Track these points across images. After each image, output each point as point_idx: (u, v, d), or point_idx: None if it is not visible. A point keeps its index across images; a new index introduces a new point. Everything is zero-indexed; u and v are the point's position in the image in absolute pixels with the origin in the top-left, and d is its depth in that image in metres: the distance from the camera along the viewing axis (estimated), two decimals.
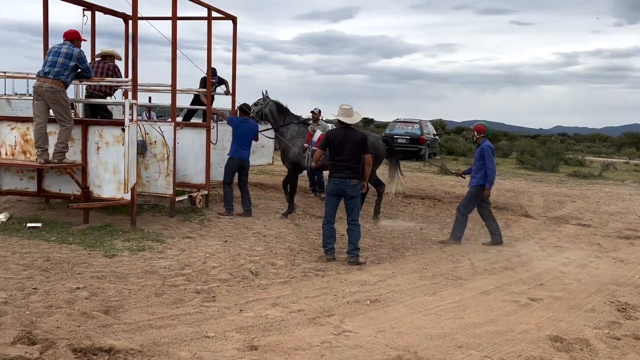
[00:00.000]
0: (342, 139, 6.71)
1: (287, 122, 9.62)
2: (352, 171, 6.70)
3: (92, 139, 7.60)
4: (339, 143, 6.71)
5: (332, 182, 6.74)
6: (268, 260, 6.57)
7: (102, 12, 10.01)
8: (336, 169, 6.71)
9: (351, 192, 6.72)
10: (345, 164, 6.66)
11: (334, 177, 6.72)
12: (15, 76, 8.19)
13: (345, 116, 6.84)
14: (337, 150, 6.72)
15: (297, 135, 9.52)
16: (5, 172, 8.04)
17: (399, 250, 7.55)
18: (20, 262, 5.78)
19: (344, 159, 6.66)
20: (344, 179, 6.66)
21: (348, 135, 6.75)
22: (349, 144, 6.69)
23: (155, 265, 6.04)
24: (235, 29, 10.10)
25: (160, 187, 8.27)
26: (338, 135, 6.77)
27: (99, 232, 7.26)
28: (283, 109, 9.70)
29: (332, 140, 6.77)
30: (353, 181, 6.69)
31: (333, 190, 6.76)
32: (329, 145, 6.81)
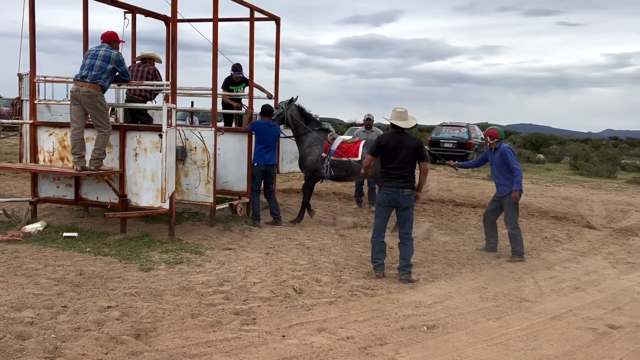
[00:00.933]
0: (396, 144, 6.16)
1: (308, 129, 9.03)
2: (406, 180, 6.15)
3: (130, 145, 7.30)
4: (391, 149, 6.16)
5: (383, 191, 6.21)
6: (312, 275, 6.08)
7: (143, 14, 9.79)
8: (388, 177, 6.18)
9: (404, 202, 6.16)
10: (398, 172, 6.13)
11: (385, 187, 6.19)
12: (55, 80, 7.99)
13: (400, 120, 6.25)
14: (389, 156, 6.17)
15: (316, 142, 8.95)
16: (43, 179, 7.83)
17: (454, 266, 6.94)
18: (52, 275, 5.47)
19: (397, 167, 6.13)
20: (397, 188, 6.11)
21: (402, 140, 6.19)
22: (403, 150, 6.14)
23: (192, 280, 5.64)
24: (278, 29, 9.70)
25: (200, 195, 7.92)
26: (391, 140, 6.21)
27: (136, 242, 6.93)
28: (305, 114, 9.12)
29: (384, 145, 6.22)
30: (407, 191, 6.13)
31: (384, 200, 6.22)
32: (381, 151, 6.27)
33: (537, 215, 11.28)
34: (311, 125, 9.00)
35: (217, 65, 7.85)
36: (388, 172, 6.17)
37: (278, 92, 9.90)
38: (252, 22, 8.80)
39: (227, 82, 10.30)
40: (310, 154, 8.97)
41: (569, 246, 8.58)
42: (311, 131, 8.94)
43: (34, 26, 7.59)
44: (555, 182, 19.11)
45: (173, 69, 7.10)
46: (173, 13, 7.07)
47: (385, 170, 6.21)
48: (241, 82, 10.43)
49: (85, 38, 8.47)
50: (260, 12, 9.03)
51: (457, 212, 11.35)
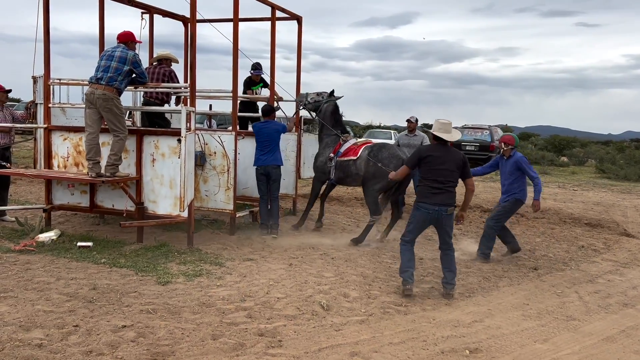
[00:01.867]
0: (440, 157, 5.69)
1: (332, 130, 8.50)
2: (449, 196, 5.66)
3: (147, 150, 6.98)
4: (434, 161, 5.68)
5: (422, 209, 5.67)
6: (339, 290, 5.69)
7: (161, 15, 9.50)
8: (430, 192, 5.65)
9: (446, 222, 5.69)
10: (441, 186, 5.63)
11: (425, 203, 5.65)
12: (70, 83, 7.70)
13: (443, 131, 5.80)
14: (432, 169, 5.68)
15: (331, 144, 8.46)
16: (58, 185, 7.54)
17: (490, 279, 6.50)
18: (64, 290, 5.14)
19: (441, 181, 5.63)
20: (440, 205, 5.60)
21: (447, 153, 5.75)
22: (446, 164, 5.67)
23: (213, 295, 5.28)
24: (300, 29, 9.35)
25: (219, 202, 7.58)
26: (434, 152, 5.76)
27: (153, 253, 6.60)
28: (337, 115, 8.57)
29: (426, 157, 5.74)
30: (450, 209, 5.64)
31: (424, 219, 5.72)
32: (422, 163, 5.77)
33: (570, 222, 10.76)
34: (336, 128, 8.51)
35: (238, 67, 7.51)
36: (431, 187, 5.65)
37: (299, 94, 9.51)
38: (273, 22, 8.45)
39: (247, 83, 9.94)
40: (321, 155, 8.52)
41: (609, 256, 8.08)
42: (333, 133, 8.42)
43: (48, 28, 7.32)
44: (582, 186, 18.50)
45: (192, 70, 6.76)
46: (192, 12, 6.73)
47: (426, 185, 5.70)
48: (260, 82, 10.09)
49: (102, 39, 8.19)
50: (282, 11, 8.68)
51: (485, 218, 10.85)
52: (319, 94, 8.54)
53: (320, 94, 8.55)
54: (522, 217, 11.12)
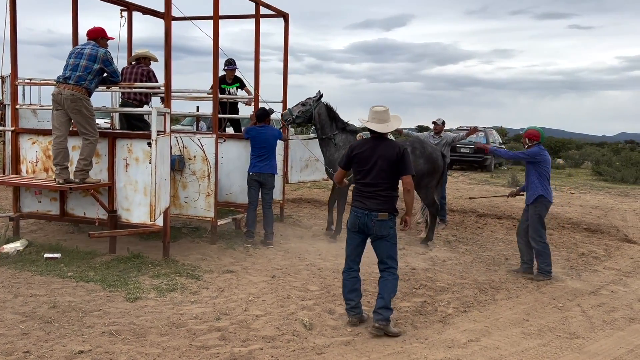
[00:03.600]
0: (370, 153, 4.74)
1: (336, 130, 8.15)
2: (382, 201, 4.69)
3: (120, 154, 6.53)
4: (364, 159, 4.75)
5: (352, 213, 4.78)
6: (324, 305, 5.25)
7: (141, 11, 9.05)
8: (359, 196, 4.76)
9: (378, 230, 4.68)
10: (371, 189, 4.71)
11: (355, 207, 4.76)
12: (40, 83, 7.25)
13: (377, 121, 4.77)
14: (361, 169, 4.77)
15: (345, 144, 8.05)
16: (26, 192, 7.08)
17: (486, 291, 6.07)
18: (20, 309, 4.69)
19: (370, 183, 4.71)
20: (369, 210, 4.67)
21: (377, 148, 4.75)
22: (378, 162, 4.69)
23: (185, 313, 4.83)
24: (286, 27, 8.91)
25: (200, 209, 7.14)
26: (362, 148, 4.79)
27: (125, 264, 6.14)
28: (333, 114, 8.15)
29: (356, 154, 4.79)
30: (381, 215, 4.65)
31: (353, 225, 4.78)
32: (352, 161, 4.84)
33: (569, 227, 10.37)
34: (338, 125, 8.13)
35: (218, 66, 7.08)
36: (360, 190, 4.77)
37: (287, 96, 9.10)
38: (257, 19, 8.02)
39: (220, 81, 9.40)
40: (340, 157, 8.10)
41: (611, 264, 7.67)
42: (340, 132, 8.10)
43: (15, 23, 6.86)
44: (579, 188, 18.16)
45: (167, 69, 6.30)
46: (167, 8, 6.29)
47: (357, 187, 4.81)
48: (234, 82, 9.55)
49: (75, 38, 7.74)
50: (267, 7, 8.24)
51: (481, 223, 10.45)
52: (304, 104, 8.16)
53: (305, 102, 8.15)
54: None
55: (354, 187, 4.90)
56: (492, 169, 23.65)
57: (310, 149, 9.54)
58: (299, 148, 9.58)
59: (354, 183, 4.93)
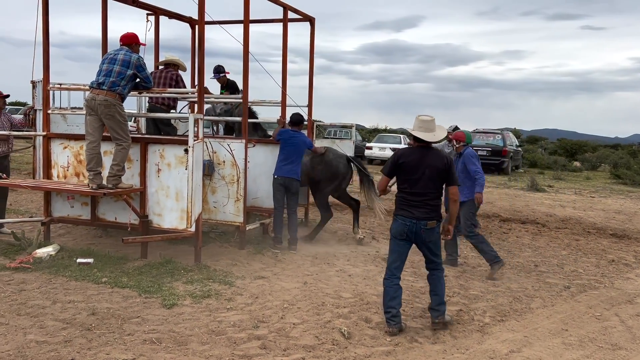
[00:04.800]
0: (418, 163, 4.81)
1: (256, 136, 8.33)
2: (430, 209, 4.81)
3: (152, 159, 6.53)
4: (411, 168, 4.82)
5: (399, 221, 4.84)
6: (360, 314, 5.21)
7: (167, 16, 9.07)
8: (407, 205, 4.84)
9: (427, 237, 4.82)
10: (419, 198, 4.80)
11: (402, 216, 4.83)
12: (70, 88, 7.28)
13: (424, 130, 4.85)
14: (408, 178, 4.84)
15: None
16: (57, 196, 7.11)
17: (521, 299, 6.01)
18: (60, 316, 4.69)
19: (419, 192, 4.80)
20: (418, 219, 4.77)
21: (427, 158, 4.83)
22: (427, 171, 4.78)
23: (222, 320, 4.81)
24: (313, 31, 8.89)
25: (228, 214, 7.14)
26: (411, 156, 4.88)
27: (158, 270, 6.14)
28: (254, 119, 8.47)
29: (403, 163, 4.85)
30: (430, 223, 4.78)
31: (400, 233, 4.83)
32: (398, 170, 4.91)
33: (595, 233, 10.27)
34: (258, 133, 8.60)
35: (248, 71, 7.06)
36: (406, 199, 4.85)
37: (312, 99, 9.07)
38: (285, 23, 8.01)
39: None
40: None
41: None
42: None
43: (47, 29, 6.89)
44: (599, 192, 17.98)
45: (200, 74, 6.31)
46: (200, 13, 6.28)
47: (402, 196, 4.89)
48: (225, 87, 9.25)
49: (105, 42, 7.77)
50: (295, 12, 8.24)
51: (505, 228, 10.38)
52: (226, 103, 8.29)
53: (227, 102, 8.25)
54: (544, 227, 10.64)
55: (398, 195, 4.93)
56: (509, 172, 23.50)
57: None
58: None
59: (399, 192, 4.93)
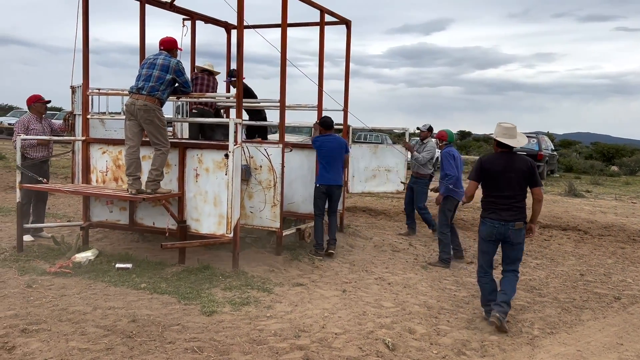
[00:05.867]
0: (504, 167, 5.13)
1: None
2: (517, 211, 5.13)
3: (191, 164, 6.50)
4: (498, 173, 5.14)
5: (488, 224, 5.19)
6: (403, 324, 5.06)
7: (203, 20, 9.08)
8: (495, 208, 5.17)
9: (515, 238, 5.14)
10: (507, 201, 5.11)
11: (491, 219, 5.17)
12: (109, 93, 7.31)
13: (508, 137, 5.18)
14: (496, 183, 5.16)
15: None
16: (95, 201, 7.13)
17: (570, 310, 5.77)
18: (101, 322, 4.66)
19: (507, 195, 5.11)
20: (506, 221, 5.09)
21: (512, 162, 5.14)
22: (513, 175, 5.10)
23: (263, 329, 4.72)
24: (349, 34, 8.78)
25: (265, 219, 7.05)
26: (497, 162, 5.18)
27: (196, 276, 6.09)
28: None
29: (489, 169, 5.19)
30: (518, 224, 5.10)
31: (490, 234, 5.19)
32: (484, 175, 5.23)
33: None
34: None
35: (286, 75, 6.99)
36: (495, 202, 5.17)
37: (348, 103, 8.94)
38: (322, 27, 7.91)
39: None
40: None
41: None
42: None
43: (87, 36, 6.93)
44: None
45: (239, 79, 6.24)
46: (239, 17, 6.22)
47: (491, 200, 5.21)
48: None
49: (142, 47, 7.79)
50: (331, 14, 8.14)
51: (546, 235, 10.08)
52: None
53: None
54: (587, 235, 10.31)
55: (485, 199, 5.25)
56: (545, 177, 22.97)
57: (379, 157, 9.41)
58: (363, 157, 9.44)
59: (485, 196, 5.23)
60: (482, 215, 5.28)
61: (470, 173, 5.35)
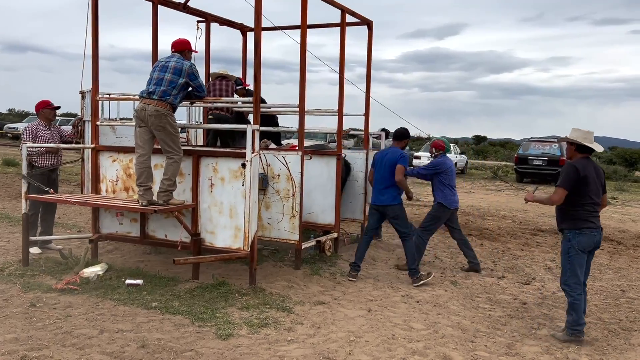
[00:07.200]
0: (596, 174, 4.99)
1: None
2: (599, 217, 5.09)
3: (205, 173, 6.11)
4: (592, 180, 4.95)
5: (587, 234, 4.94)
6: (437, 350, 4.61)
7: (218, 22, 8.73)
8: (590, 215, 4.97)
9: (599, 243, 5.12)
10: (597, 207, 5.04)
11: (589, 228, 4.94)
12: (120, 98, 6.96)
13: (589, 142, 4.98)
14: (590, 190, 4.95)
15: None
16: (106, 212, 6.77)
17: (617, 333, 5.28)
18: (107, 348, 4.27)
19: (597, 202, 5.03)
20: (598, 228, 5.01)
21: (598, 169, 5.07)
22: (599, 182, 5.04)
23: (284, 356, 4.30)
24: (370, 35, 8.36)
25: (283, 231, 6.67)
26: (590, 169, 4.97)
27: (211, 293, 5.68)
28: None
29: (585, 176, 4.91)
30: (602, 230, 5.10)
31: (589, 244, 4.99)
32: (581, 182, 4.90)
33: None
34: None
35: (305, 78, 6.59)
36: (590, 210, 4.98)
37: (369, 108, 8.52)
38: (343, 27, 7.51)
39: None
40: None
41: None
42: None
43: (97, 38, 6.59)
44: None
45: (256, 83, 5.85)
46: (257, 19, 5.83)
47: (586, 208, 4.96)
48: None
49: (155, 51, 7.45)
50: (353, 15, 7.73)
51: None
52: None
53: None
54: (620, 245, 9.78)
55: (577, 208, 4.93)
56: None
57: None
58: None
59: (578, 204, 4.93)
60: (576, 227, 4.94)
61: (562, 180, 4.94)
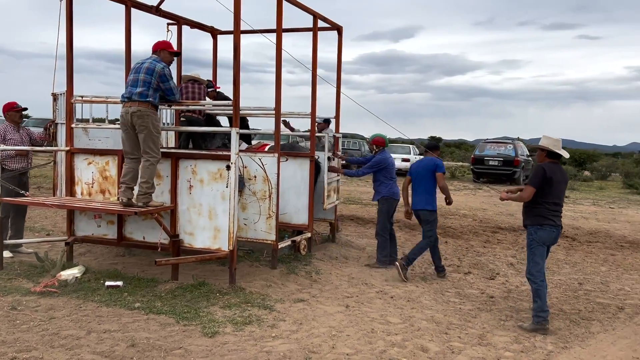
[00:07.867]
0: (561, 177, 5.58)
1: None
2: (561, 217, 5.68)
3: (184, 176, 6.20)
4: (558, 182, 5.52)
5: (548, 230, 5.49)
6: (415, 342, 4.86)
7: (189, 25, 8.79)
8: (554, 213, 5.53)
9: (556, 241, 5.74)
10: (560, 208, 5.60)
11: (550, 225, 5.48)
12: (94, 100, 6.95)
13: (558, 149, 5.56)
14: (556, 190, 5.52)
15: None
16: (81, 215, 6.76)
17: (578, 322, 5.67)
18: (97, 348, 4.33)
19: (561, 203, 5.60)
20: (559, 226, 5.56)
21: (563, 172, 5.67)
22: (564, 184, 5.64)
23: (271, 351, 4.46)
24: (340, 40, 8.60)
25: (260, 231, 6.80)
26: (557, 171, 5.55)
27: (192, 293, 5.78)
28: None
29: (551, 177, 5.45)
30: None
31: (549, 239, 5.55)
32: (547, 183, 5.44)
33: (628, 247, 9.95)
34: None
35: (281, 81, 6.75)
36: (555, 209, 5.53)
37: (340, 112, 8.75)
38: (315, 32, 7.71)
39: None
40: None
41: None
42: None
43: (71, 42, 6.58)
44: (617, 203, 17.70)
45: (235, 86, 5.98)
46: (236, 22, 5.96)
47: (549, 206, 5.49)
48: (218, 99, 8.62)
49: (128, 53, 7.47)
50: (324, 20, 7.94)
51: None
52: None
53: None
54: (575, 241, 10.31)
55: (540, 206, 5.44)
56: (520, 182, 23.18)
57: None
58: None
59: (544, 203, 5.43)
60: (538, 222, 5.47)
61: (531, 179, 5.51)
